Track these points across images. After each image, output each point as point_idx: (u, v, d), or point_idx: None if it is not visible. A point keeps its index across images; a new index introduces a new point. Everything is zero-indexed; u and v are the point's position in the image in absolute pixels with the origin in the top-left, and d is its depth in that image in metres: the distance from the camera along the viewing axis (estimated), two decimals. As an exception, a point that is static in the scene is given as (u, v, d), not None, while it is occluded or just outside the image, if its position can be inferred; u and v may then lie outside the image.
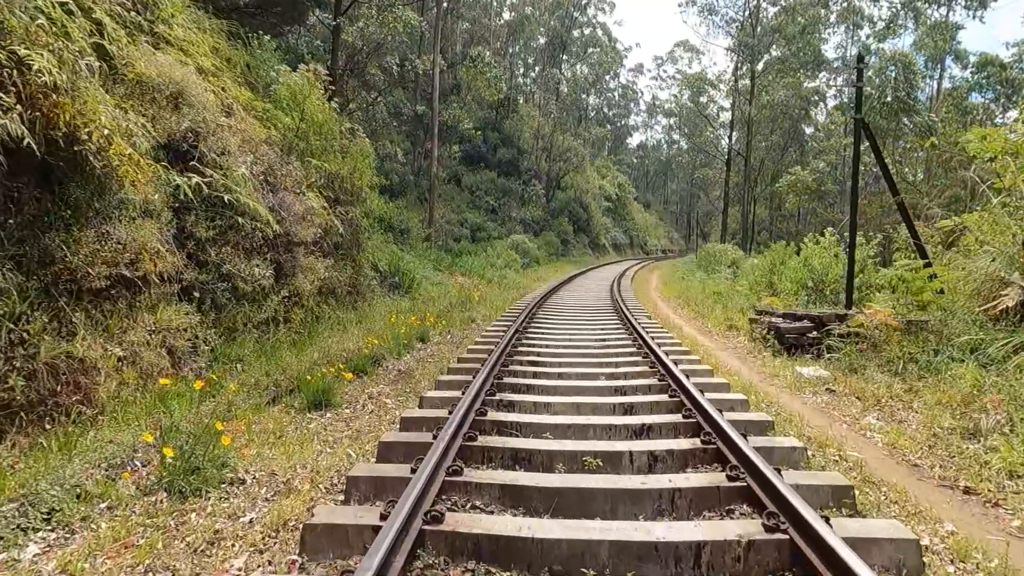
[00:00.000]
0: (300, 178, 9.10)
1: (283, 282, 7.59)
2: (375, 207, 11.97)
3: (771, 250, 16.67)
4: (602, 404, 4.61)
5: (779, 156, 43.52)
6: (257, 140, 8.44)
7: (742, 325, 10.34)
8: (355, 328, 8.80)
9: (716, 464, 3.50)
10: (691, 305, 14.06)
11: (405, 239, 17.38)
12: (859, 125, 9.21)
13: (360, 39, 23.94)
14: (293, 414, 4.89)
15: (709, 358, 7.38)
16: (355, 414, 4.88)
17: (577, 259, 35.33)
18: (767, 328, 8.28)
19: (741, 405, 4.68)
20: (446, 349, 7.83)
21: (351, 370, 6.24)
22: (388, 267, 12.73)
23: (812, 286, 13.36)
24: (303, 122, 10.49)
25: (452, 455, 3.42)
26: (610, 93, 70.98)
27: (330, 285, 9.30)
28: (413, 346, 7.83)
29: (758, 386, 6.03)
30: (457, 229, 27.40)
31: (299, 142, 10.30)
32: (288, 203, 8.10)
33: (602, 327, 8.85)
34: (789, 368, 6.89)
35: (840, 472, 3.66)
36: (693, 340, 8.82)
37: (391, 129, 27.89)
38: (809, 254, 14.22)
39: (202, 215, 6.45)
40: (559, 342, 7.45)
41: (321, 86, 10.95)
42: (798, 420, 4.82)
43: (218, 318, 6.35)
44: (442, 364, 6.71)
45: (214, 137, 7.04)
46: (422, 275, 14.22)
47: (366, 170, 11.43)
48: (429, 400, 4.72)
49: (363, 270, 10.87)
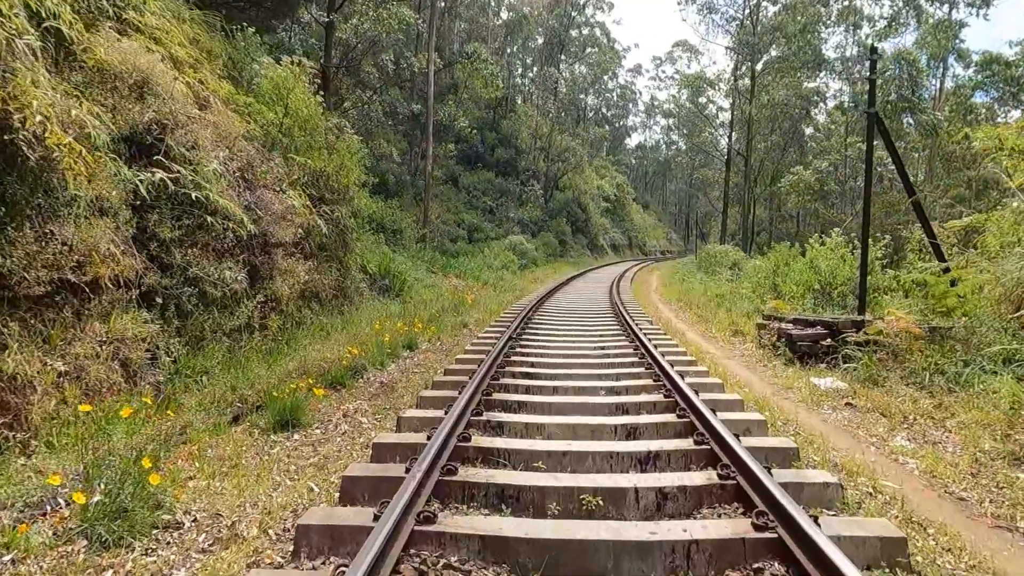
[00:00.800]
0: (281, 175, 8.59)
1: (259, 286, 7.07)
2: (364, 206, 11.47)
3: (774, 251, 16.19)
4: (602, 426, 4.09)
5: (779, 156, 43.04)
6: (234, 135, 7.92)
7: (748, 330, 9.84)
8: (340, 334, 8.29)
9: (737, 505, 2.99)
10: (693, 308, 13.56)
11: (398, 240, 16.87)
12: (872, 120, 8.71)
13: (354, 36, 23.47)
14: (256, 435, 4.37)
15: (716, 368, 6.88)
16: (326, 435, 4.36)
17: (575, 260, 34.83)
18: (777, 335, 7.78)
19: (758, 427, 4.16)
20: (434, 358, 7.31)
21: (328, 383, 5.73)
22: (378, 269, 12.21)
23: (819, 289, 12.87)
24: (287, 117, 9.99)
25: (426, 495, 2.91)
26: (608, 93, 70.59)
27: (313, 289, 8.78)
28: (399, 355, 7.31)
29: (772, 400, 5.53)
30: (454, 230, 26.91)
31: (283, 138, 9.80)
32: (266, 201, 7.59)
33: (601, 333, 8.35)
34: (803, 379, 6.38)
35: (877, 505, 3.17)
36: (698, 347, 8.32)
37: (387, 129, 27.39)
38: (815, 256, 13.73)
39: (167, 214, 5.93)
40: (555, 351, 6.94)
41: (307, 79, 10.44)
42: (821, 442, 4.31)
43: (183, 326, 5.83)
44: (428, 376, 6.19)
45: (183, 130, 6.53)
46: (414, 277, 13.70)
47: (354, 167, 10.91)
48: (407, 421, 4.20)
49: (351, 272, 10.35)
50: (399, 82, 28.81)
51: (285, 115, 9.92)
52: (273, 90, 9.93)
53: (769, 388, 6.17)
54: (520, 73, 49.82)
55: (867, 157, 8.94)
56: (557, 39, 43.95)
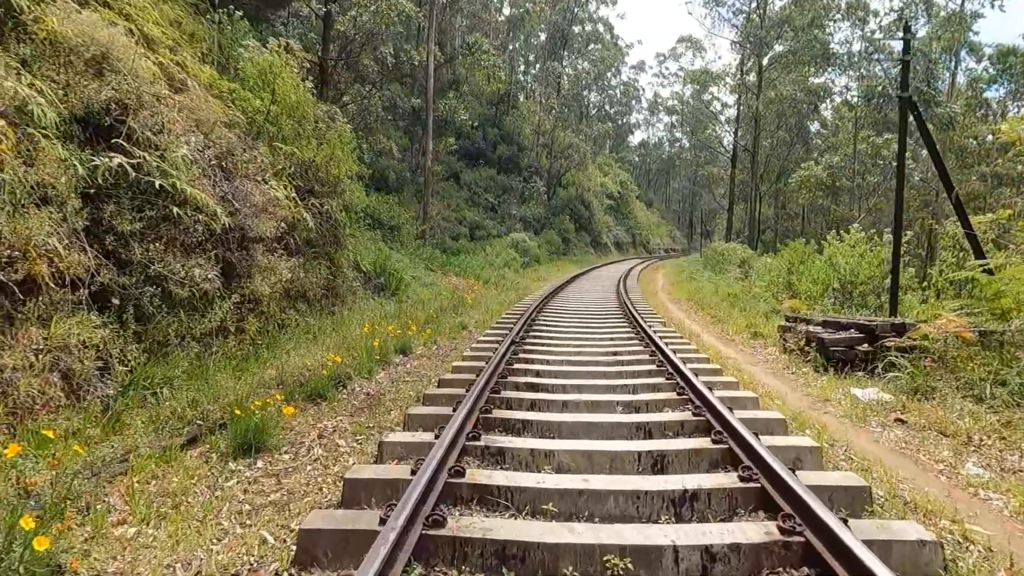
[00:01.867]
0: (265, 165, 7.93)
1: (235, 285, 6.41)
2: (358, 200, 10.79)
3: (789, 248, 15.48)
4: (623, 454, 3.42)
5: (785, 153, 42.31)
6: (212, 121, 7.26)
7: (768, 332, 9.16)
8: (328, 337, 7.63)
9: (810, 573, 2.30)
10: (705, 308, 12.86)
11: (396, 237, 16.20)
12: (905, 105, 8.02)
13: (353, 28, 22.83)
14: (213, 462, 3.70)
15: (741, 376, 6.20)
16: (295, 462, 3.69)
17: (579, 258, 34.15)
18: (805, 338, 7.09)
19: (813, 458, 3.47)
20: (429, 365, 6.64)
21: (307, 395, 5.06)
22: (373, 267, 11.54)
23: (839, 288, 12.18)
24: (274, 104, 9.33)
25: (404, 558, 2.24)
26: (611, 90, 69.83)
27: (299, 287, 8.12)
28: (391, 360, 6.64)
29: (811, 416, 4.85)
30: (455, 227, 26.28)
31: (269, 126, 9.15)
32: (246, 192, 6.92)
33: (612, 337, 7.67)
34: (840, 389, 5.70)
35: (977, 563, 2.49)
36: (717, 352, 7.64)
37: (387, 125, 26.74)
38: (833, 253, 13.03)
39: (127, 204, 5.26)
40: (563, 357, 6.26)
41: (296, 64, 9.78)
42: (881, 470, 3.63)
43: (144, 330, 5.17)
44: (421, 386, 5.52)
45: (149, 111, 5.86)
46: (412, 276, 13.03)
47: (346, 158, 10.24)
48: (390, 448, 3.52)
49: (342, 270, 9.68)
50: (400, 77, 28.13)
51: (272, 102, 9.26)
52: (259, 76, 9.26)
53: (804, 400, 5.49)
54: (523, 70, 49.08)
55: (899, 145, 8.25)
56: (560, 34, 43.19)
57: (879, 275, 12.47)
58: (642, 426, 3.94)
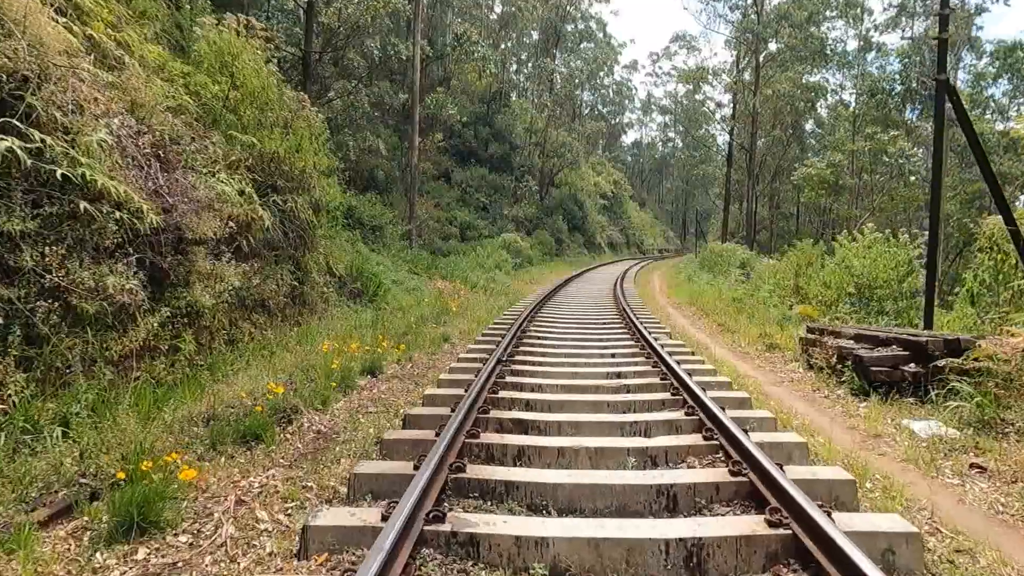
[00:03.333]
0: (216, 156, 6.92)
1: (168, 295, 5.39)
2: (333, 198, 9.77)
3: (796, 250, 14.60)
4: (644, 543, 2.44)
5: (781, 152, 41.60)
6: (151, 104, 6.25)
7: (785, 343, 8.23)
8: (289, 354, 6.64)
9: None
10: (711, 315, 11.93)
11: (378, 238, 15.17)
12: (942, 88, 7.11)
13: (337, 20, 21.85)
14: (85, 545, 2.71)
15: (768, 402, 5.26)
16: (192, 550, 2.69)
17: (572, 259, 33.21)
18: (835, 355, 6.15)
19: (909, 547, 2.50)
20: (400, 389, 5.64)
21: (241, 435, 4.05)
22: (348, 271, 10.53)
23: (855, 293, 11.28)
24: (235, 90, 8.33)
25: None
26: (604, 90, 69.01)
27: (257, 296, 7.11)
28: (355, 384, 5.63)
29: (864, 458, 3.89)
30: (446, 227, 25.32)
31: (228, 114, 8.16)
32: (186, 186, 5.90)
33: (613, 353, 6.70)
34: (890, 420, 4.77)
35: None
36: (733, 369, 6.69)
37: (376, 122, 25.74)
38: (846, 255, 12.15)
39: (18, 198, 4.25)
40: (557, 382, 5.29)
41: (258, 44, 8.78)
42: (994, 555, 2.67)
43: (39, 354, 4.15)
44: (384, 420, 4.54)
45: (58, 87, 4.84)
46: (392, 280, 12.02)
47: (318, 150, 9.23)
48: (319, 535, 2.52)
49: (311, 275, 8.67)
50: (389, 75, 27.13)
51: (232, 87, 8.25)
52: (216, 56, 8.25)
53: (848, 434, 4.54)
54: (515, 70, 48.11)
55: (936, 134, 7.34)
56: (553, 30, 42.28)
57: (896, 278, 11.60)
58: (664, 490, 2.97)
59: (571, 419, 4.09)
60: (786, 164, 42.02)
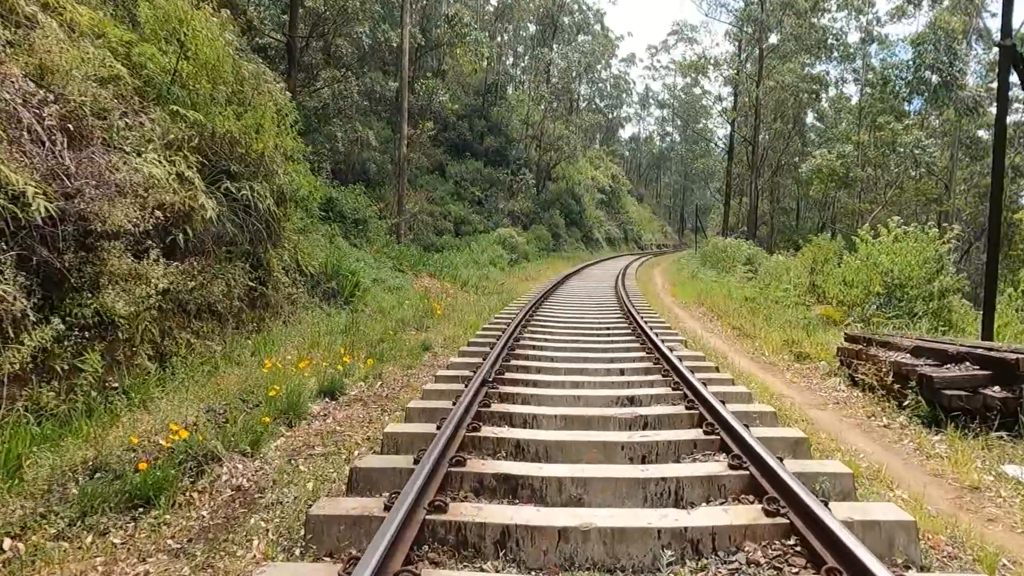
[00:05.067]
0: (151, 135, 5.82)
1: (68, 302, 4.30)
2: (302, 186, 8.65)
3: (812, 245, 13.55)
4: None
5: (783, 146, 40.57)
6: (65, 71, 5.16)
7: (816, 353, 7.19)
8: (240, 367, 5.58)
9: None
10: (723, 316, 10.88)
11: (362, 232, 14.06)
12: (1008, 55, 6.04)
13: (323, 4, 20.73)
14: None
15: (815, 432, 4.21)
16: None
17: (570, 254, 32.14)
18: (890, 371, 5.11)
19: None
20: (360, 418, 4.56)
21: (128, 498, 2.97)
22: (323, 268, 9.43)
23: (883, 292, 10.24)
24: (185, 61, 7.23)
25: None
26: (601, 83, 67.82)
27: (202, 299, 6.02)
28: (305, 411, 4.55)
29: (972, 528, 2.85)
30: (440, 222, 24.26)
31: (176, 89, 7.07)
32: (99, 168, 4.80)
33: (623, 368, 5.63)
34: (982, 464, 3.72)
35: None
36: (762, 385, 5.63)
37: (369, 115, 24.62)
38: (872, 250, 11.11)
39: None
40: (557, 409, 4.22)
41: (211, 10, 7.67)
42: None
43: None
44: (330, 468, 3.47)
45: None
46: (374, 278, 10.92)
47: (284, 132, 8.11)
48: None
49: (274, 274, 7.58)
50: (382, 66, 25.96)
51: (182, 58, 7.15)
52: (160, 23, 7.13)
53: (936, 486, 3.49)
54: (511, 63, 46.87)
55: (999, 106, 6.27)
56: (550, 19, 41.03)
57: (925, 276, 10.57)
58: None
59: (575, 473, 3.03)
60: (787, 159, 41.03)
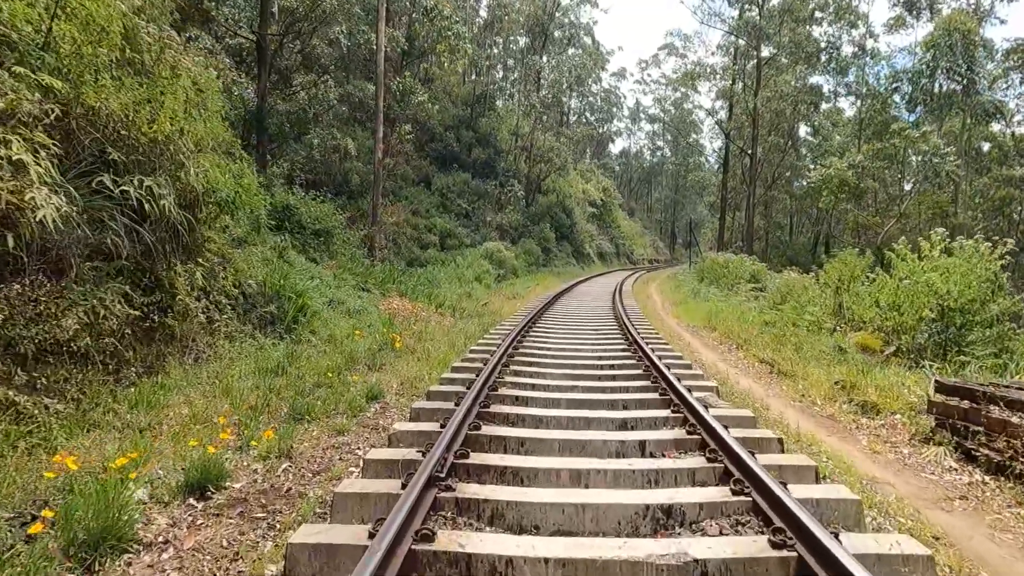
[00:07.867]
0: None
1: None
2: (224, 184, 6.86)
3: (838, 261, 11.94)
4: None
5: (778, 159, 39.48)
6: None
7: (884, 403, 5.51)
8: (87, 441, 3.82)
9: None
10: (743, 346, 9.20)
11: (323, 244, 12.30)
12: None
13: (298, 3, 19.25)
14: None
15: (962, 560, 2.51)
16: None
17: (560, 270, 30.51)
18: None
19: None
20: (223, 545, 2.79)
21: None
22: (262, 288, 7.67)
23: (937, 319, 8.63)
24: (63, 21, 5.57)
25: None
26: (592, 97, 66.94)
27: (47, 336, 4.24)
28: (130, 538, 2.77)
29: None
30: (424, 235, 22.65)
31: (45, 54, 5.38)
32: None
33: (642, 438, 3.91)
34: None
35: None
36: (834, 456, 3.94)
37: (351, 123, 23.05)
38: (917, 268, 9.52)
39: None
40: (550, 538, 2.48)
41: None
42: None
43: None
44: None
45: None
46: (329, 298, 9.15)
47: (198, 114, 6.39)
48: None
49: (179, 298, 5.80)
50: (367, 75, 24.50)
51: (58, 16, 5.47)
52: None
53: None
54: (501, 77, 45.61)
55: None
56: (540, 27, 39.79)
57: (980, 299, 8.99)
58: None
59: None
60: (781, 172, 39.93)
